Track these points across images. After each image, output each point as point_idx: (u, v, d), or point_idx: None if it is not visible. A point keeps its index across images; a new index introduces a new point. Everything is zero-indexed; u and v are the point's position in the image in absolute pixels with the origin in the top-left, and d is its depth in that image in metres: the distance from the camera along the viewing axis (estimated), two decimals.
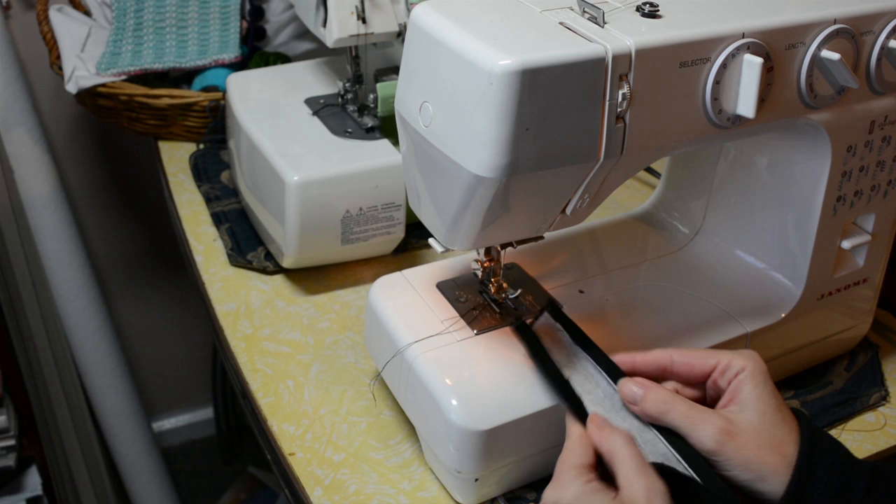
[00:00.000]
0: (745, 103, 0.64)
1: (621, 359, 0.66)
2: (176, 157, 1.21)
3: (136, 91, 1.20)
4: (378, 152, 0.94)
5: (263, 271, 0.99)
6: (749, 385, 0.60)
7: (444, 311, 0.76)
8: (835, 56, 0.66)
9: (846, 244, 0.79)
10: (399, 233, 0.96)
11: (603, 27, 0.60)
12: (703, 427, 0.58)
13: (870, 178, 0.77)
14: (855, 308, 0.84)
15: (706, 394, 0.64)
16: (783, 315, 0.79)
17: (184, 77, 1.30)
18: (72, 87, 1.21)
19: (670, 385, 0.64)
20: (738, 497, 0.58)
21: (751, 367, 0.61)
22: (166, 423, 2.01)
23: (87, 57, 1.25)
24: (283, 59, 1.29)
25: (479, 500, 0.71)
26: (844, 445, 0.61)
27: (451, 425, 0.67)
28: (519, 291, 0.77)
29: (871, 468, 0.59)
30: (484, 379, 0.70)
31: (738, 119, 0.65)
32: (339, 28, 0.94)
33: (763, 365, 0.62)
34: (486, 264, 0.76)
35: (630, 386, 0.62)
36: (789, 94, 0.68)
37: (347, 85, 1.02)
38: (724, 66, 0.63)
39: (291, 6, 1.33)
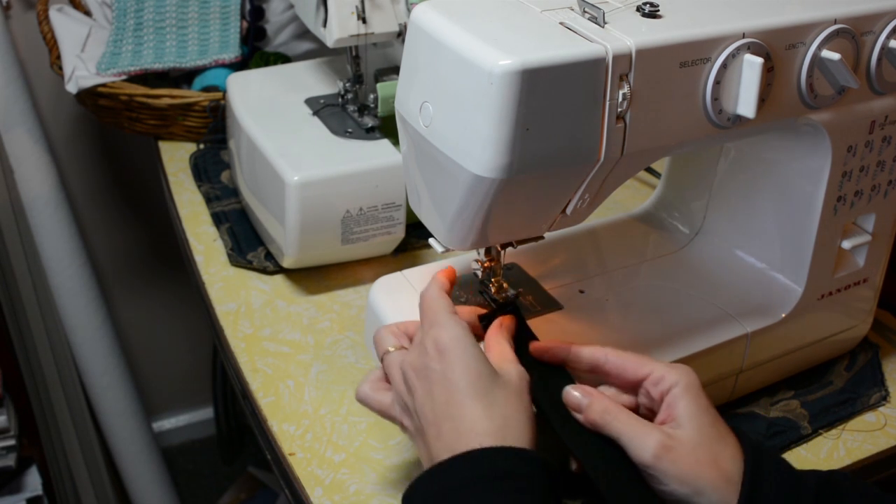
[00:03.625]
0: (746, 103, 0.64)
1: (558, 345, 0.65)
2: (176, 157, 1.21)
3: (136, 91, 1.20)
4: (378, 152, 0.94)
5: (263, 271, 0.99)
6: (684, 400, 0.60)
7: None
8: (835, 56, 0.66)
9: (846, 244, 0.79)
10: (399, 233, 0.96)
11: (603, 27, 0.60)
12: (643, 440, 0.58)
13: (870, 178, 0.77)
14: (855, 308, 0.84)
15: (638, 402, 0.64)
16: (783, 315, 0.79)
17: (184, 77, 1.30)
18: (72, 87, 1.21)
19: (608, 391, 0.64)
20: None
21: (684, 381, 0.60)
22: (166, 423, 2.01)
23: (87, 57, 1.25)
24: (283, 59, 1.29)
25: None
26: (786, 460, 0.61)
27: None
28: (519, 291, 0.77)
29: (817, 478, 0.59)
30: None
31: (739, 119, 0.65)
32: (339, 28, 0.94)
33: (697, 379, 0.61)
34: (486, 264, 0.76)
35: (574, 393, 0.62)
36: (789, 94, 0.68)
37: (347, 85, 1.02)
38: (724, 66, 0.63)
39: (291, 6, 1.33)
